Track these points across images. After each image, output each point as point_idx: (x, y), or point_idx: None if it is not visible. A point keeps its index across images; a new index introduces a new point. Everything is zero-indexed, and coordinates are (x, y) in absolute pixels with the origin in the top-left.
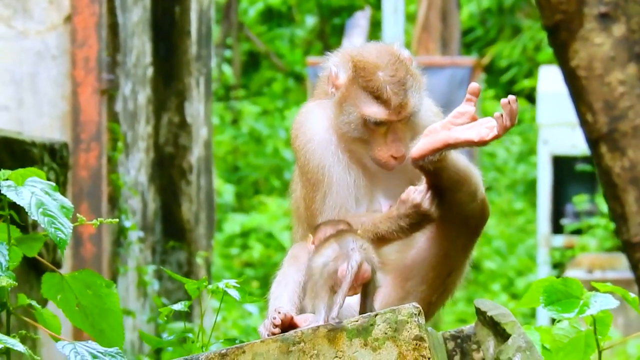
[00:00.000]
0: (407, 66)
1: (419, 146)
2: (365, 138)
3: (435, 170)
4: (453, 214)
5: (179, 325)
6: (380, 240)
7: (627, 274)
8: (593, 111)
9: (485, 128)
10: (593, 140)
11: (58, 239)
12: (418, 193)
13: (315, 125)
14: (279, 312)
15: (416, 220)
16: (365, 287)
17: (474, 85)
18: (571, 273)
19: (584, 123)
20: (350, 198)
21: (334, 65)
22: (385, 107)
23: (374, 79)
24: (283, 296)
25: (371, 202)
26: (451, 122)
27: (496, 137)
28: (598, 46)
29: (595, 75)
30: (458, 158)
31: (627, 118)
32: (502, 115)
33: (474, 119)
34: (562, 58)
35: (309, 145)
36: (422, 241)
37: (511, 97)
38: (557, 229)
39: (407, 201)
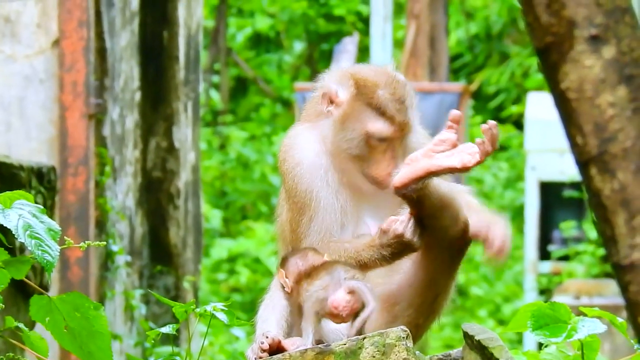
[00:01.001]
0: (404, 85)
1: (400, 175)
2: (364, 155)
3: (419, 198)
4: (437, 239)
5: (166, 349)
6: (362, 267)
7: (614, 300)
8: (583, 133)
9: (467, 154)
10: (583, 163)
11: (45, 261)
12: (400, 223)
13: (304, 148)
14: (267, 337)
15: (398, 249)
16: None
17: (454, 113)
18: (558, 299)
19: (574, 145)
20: (336, 223)
21: (333, 83)
22: (389, 123)
23: (377, 95)
24: (271, 320)
25: (358, 225)
26: (432, 149)
27: (478, 163)
28: (588, 68)
29: (586, 98)
30: (440, 184)
31: (617, 140)
32: (483, 142)
33: (455, 146)
34: (553, 80)
35: (298, 169)
36: (407, 266)
37: (491, 122)
38: (544, 255)
39: (389, 231)
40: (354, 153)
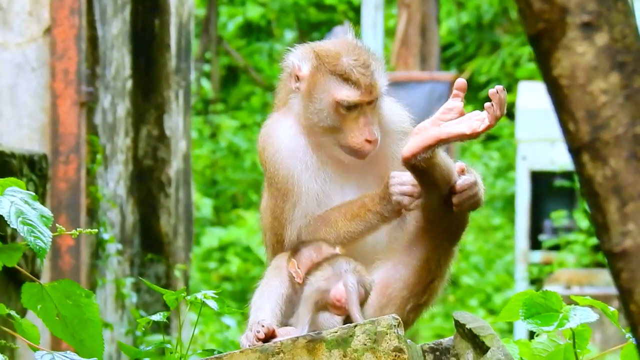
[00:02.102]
0: (367, 51)
1: (410, 145)
2: (337, 126)
3: (427, 168)
4: (437, 215)
5: (157, 337)
6: (363, 231)
7: (605, 289)
8: (575, 120)
9: (476, 120)
10: (575, 150)
11: (38, 247)
12: (404, 177)
13: (281, 134)
14: (263, 326)
15: (400, 205)
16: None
17: (460, 81)
18: (549, 289)
19: (565, 132)
20: (320, 204)
21: (295, 59)
22: (356, 88)
23: (340, 63)
24: (265, 307)
25: (343, 199)
26: (440, 118)
27: (488, 128)
28: (580, 55)
29: (578, 84)
30: (445, 157)
31: (609, 127)
32: (492, 105)
33: (462, 114)
34: (545, 67)
35: (277, 155)
36: (404, 245)
37: (499, 86)
38: (535, 244)
39: (395, 189)
40: (326, 125)
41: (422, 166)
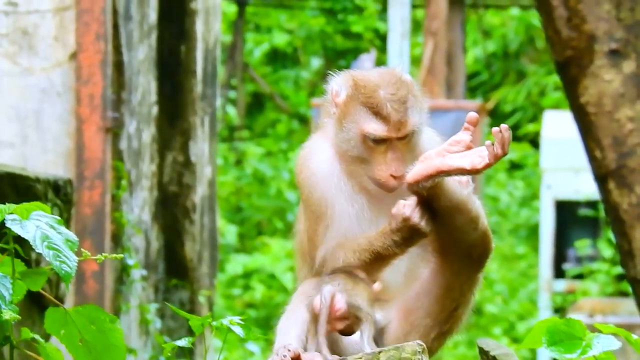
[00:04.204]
0: (408, 86)
1: (414, 171)
2: (365, 157)
3: (429, 197)
4: (454, 243)
5: None
6: (377, 259)
7: (628, 319)
8: (601, 147)
9: (478, 157)
10: (601, 177)
11: (63, 272)
12: (407, 207)
13: (318, 157)
14: (289, 350)
15: (408, 234)
16: (351, 326)
17: (472, 115)
18: (572, 317)
19: (592, 159)
20: (353, 229)
21: (336, 84)
22: (384, 123)
23: (374, 95)
24: (290, 332)
25: (377, 229)
26: (446, 149)
27: (488, 166)
28: (608, 82)
29: (605, 112)
30: (455, 187)
31: (635, 154)
32: (493, 144)
33: (469, 148)
34: (572, 94)
35: (312, 179)
36: (426, 273)
37: (503, 125)
38: (559, 273)
39: (397, 215)
40: (354, 155)
41: (424, 194)
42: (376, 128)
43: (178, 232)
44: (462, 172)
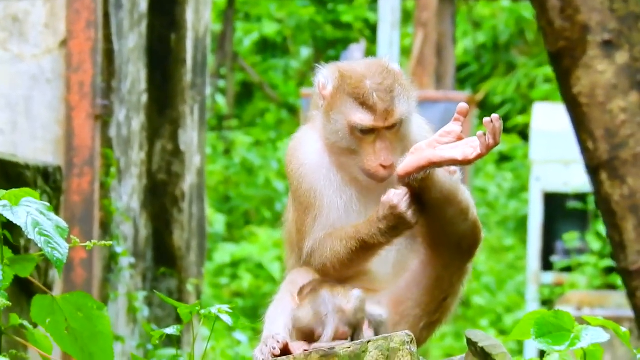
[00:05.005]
0: (395, 76)
1: (404, 163)
2: (354, 148)
3: (421, 188)
4: (444, 234)
5: (169, 352)
6: (363, 247)
7: (616, 312)
8: (594, 138)
9: (470, 147)
10: (593, 168)
11: (55, 258)
12: (396, 195)
13: (307, 149)
14: (278, 341)
15: (394, 223)
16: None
17: (462, 105)
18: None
19: (584, 150)
20: (341, 221)
21: (323, 76)
22: (371, 113)
23: (360, 85)
24: (279, 321)
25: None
26: (437, 140)
27: (480, 156)
28: (600, 73)
29: (597, 103)
30: (445, 179)
31: (627, 146)
32: (484, 134)
33: (459, 139)
34: (565, 85)
35: (301, 170)
36: (415, 264)
37: (494, 115)
38: (546, 266)
39: (385, 202)
40: (343, 146)
41: (415, 186)
42: (363, 118)
43: (167, 221)
44: (453, 162)
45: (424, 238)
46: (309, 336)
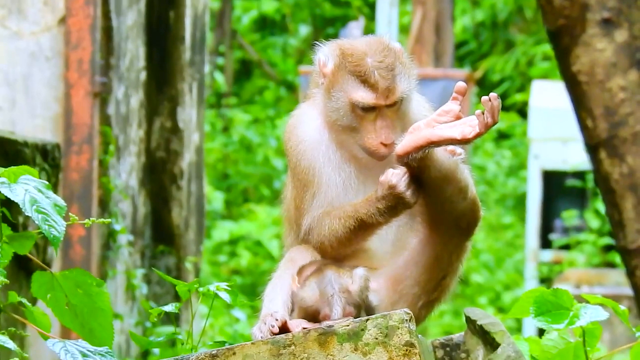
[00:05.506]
0: (396, 54)
1: (403, 143)
2: (355, 126)
3: (420, 168)
4: (443, 213)
5: (166, 329)
6: (362, 227)
7: (615, 289)
8: (593, 117)
9: (469, 126)
10: (592, 146)
11: (52, 236)
12: (395, 175)
13: (306, 126)
14: (277, 319)
15: (392, 202)
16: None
17: (460, 84)
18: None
19: (583, 128)
20: (340, 198)
21: (323, 54)
22: (372, 91)
23: (362, 63)
24: (277, 299)
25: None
26: (435, 120)
27: (478, 135)
28: (600, 52)
29: (597, 81)
30: (444, 158)
31: (627, 124)
32: (483, 113)
33: (458, 118)
34: (564, 63)
35: (300, 147)
36: (414, 243)
37: (492, 94)
38: (545, 244)
39: (384, 182)
40: (343, 124)
41: (414, 165)
42: (364, 96)
43: (165, 199)
44: (452, 142)
45: (423, 217)
46: (314, 316)
